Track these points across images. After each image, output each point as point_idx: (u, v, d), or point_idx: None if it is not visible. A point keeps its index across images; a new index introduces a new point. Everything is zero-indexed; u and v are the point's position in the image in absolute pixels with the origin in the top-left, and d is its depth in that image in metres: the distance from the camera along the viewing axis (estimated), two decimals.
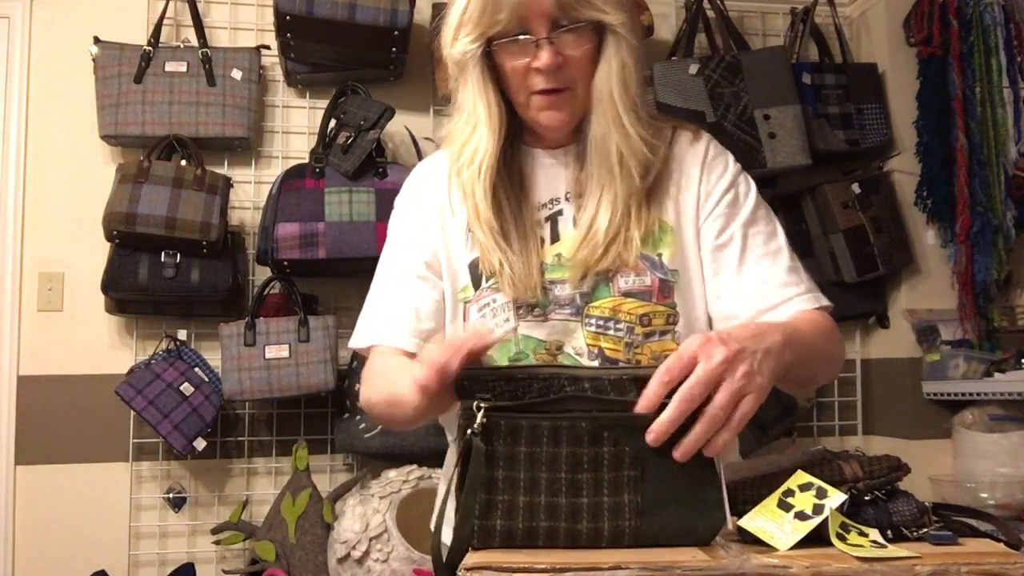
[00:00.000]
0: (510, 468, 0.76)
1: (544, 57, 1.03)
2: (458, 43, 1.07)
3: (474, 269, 1.12)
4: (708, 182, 1.13)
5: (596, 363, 1.07)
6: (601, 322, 1.07)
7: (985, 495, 2.32)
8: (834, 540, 0.71)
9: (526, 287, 1.07)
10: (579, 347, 1.08)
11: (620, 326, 1.07)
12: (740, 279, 1.09)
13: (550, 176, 1.15)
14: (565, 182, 1.14)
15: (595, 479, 0.75)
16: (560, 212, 1.13)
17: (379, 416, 1.13)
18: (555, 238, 1.11)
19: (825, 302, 1.10)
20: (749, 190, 1.14)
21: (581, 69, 1.06)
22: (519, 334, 1.09)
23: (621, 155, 1.07)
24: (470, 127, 1.11)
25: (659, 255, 1.09)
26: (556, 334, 1.08)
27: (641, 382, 0.77)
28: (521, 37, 1.03)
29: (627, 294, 1.08)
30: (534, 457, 0.76)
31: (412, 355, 1.12)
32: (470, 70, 1.08)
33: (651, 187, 1.10)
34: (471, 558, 0.70)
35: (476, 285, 1.12)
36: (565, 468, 0.76)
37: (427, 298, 1.15)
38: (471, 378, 0.78)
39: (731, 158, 1.16)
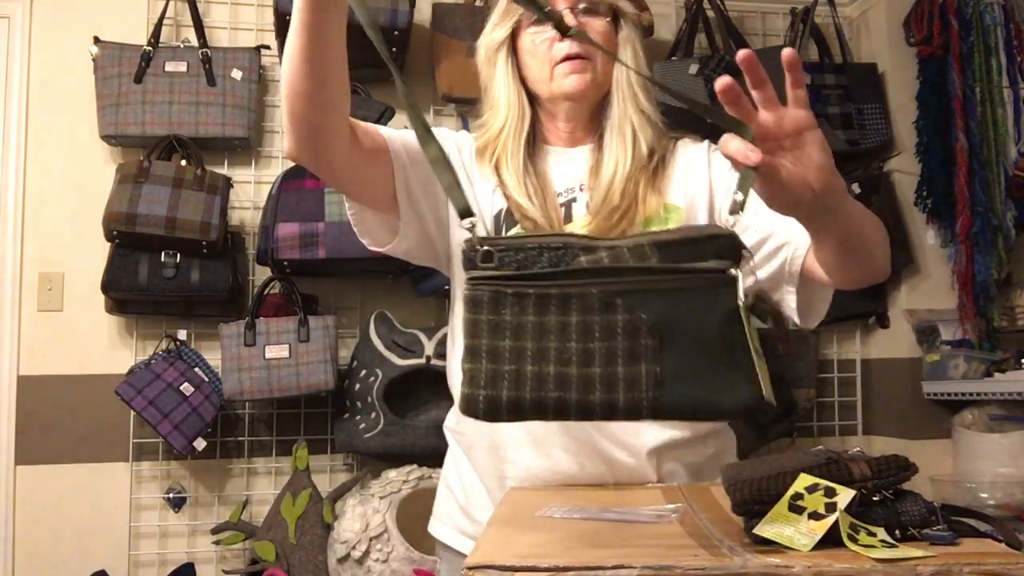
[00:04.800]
0: (517, 338, 0.72)
1: (569, 19, 1.12)
2: (491, 36, 1.22)
3: (497, 220, 1.19)
4: (716, 167, 1.21)
5: None
6: None
7: (985, 495, 2.32)
8: (846, 541, 0.70)
9: None
10: None
11: None
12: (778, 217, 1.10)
13: (566, 170, 1.23)
14: (580, 175, 1.22)
15: (608, 348, 0.70)
16: (575, 199, 1.21)
17: (290, 85, 1.01)
18: (568, 220, 1.19)
19: None
20: None
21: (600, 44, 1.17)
22: None
23: (635, 132, 1.18)
24: (499, 114, 1.22)
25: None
26: None
27: (662, 247, 0.72)
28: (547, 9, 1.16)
29: None
30: (543, 327, 0.72)
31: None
32: (500, 60, 1.21)
33: (659, 174, 1.19)
34: (474, 557, 0.70)
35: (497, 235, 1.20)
36: (575, 337, 0.71)
37: (408, 136, 1.14)
38: (477, 246, 0.74)
39: None
